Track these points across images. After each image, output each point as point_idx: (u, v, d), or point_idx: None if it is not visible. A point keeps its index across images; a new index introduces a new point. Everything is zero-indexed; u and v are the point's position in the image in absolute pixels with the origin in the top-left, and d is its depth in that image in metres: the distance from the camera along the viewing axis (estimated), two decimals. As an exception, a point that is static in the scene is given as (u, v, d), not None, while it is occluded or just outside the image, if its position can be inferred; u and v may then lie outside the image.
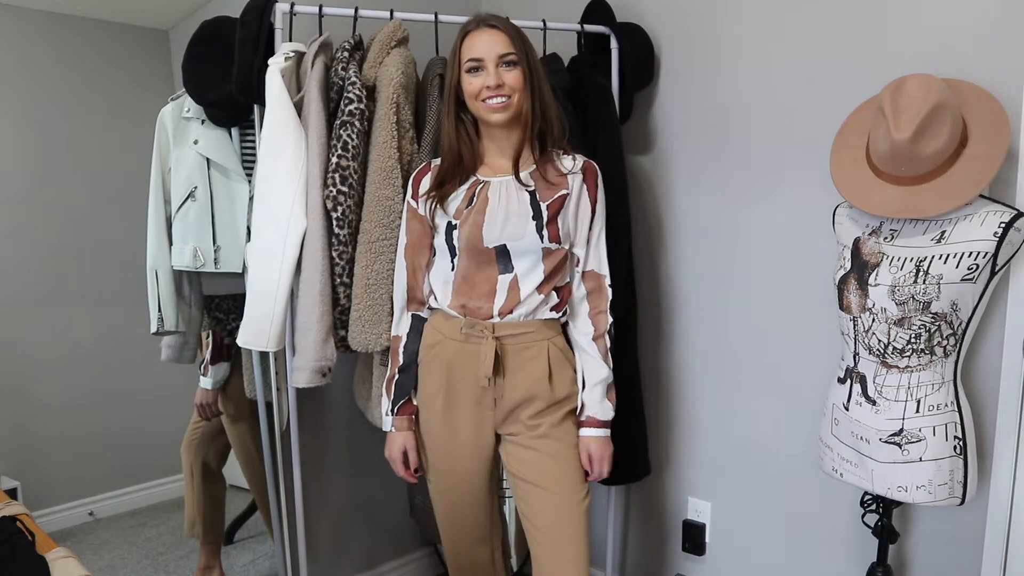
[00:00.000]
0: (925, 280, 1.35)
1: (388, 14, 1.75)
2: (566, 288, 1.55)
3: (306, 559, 1.90)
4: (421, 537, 2.47)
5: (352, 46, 1.69)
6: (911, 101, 1.30)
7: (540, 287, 1.49)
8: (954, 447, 1.40)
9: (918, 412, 1.40)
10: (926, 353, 1.39)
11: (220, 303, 2.10)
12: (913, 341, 1.39)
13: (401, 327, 1.59)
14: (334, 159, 1.63)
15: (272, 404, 1.96)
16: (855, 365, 1.50)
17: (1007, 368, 1.45)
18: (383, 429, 1.61)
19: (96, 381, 2.17)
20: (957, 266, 1.33)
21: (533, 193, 1.47)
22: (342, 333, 1.70)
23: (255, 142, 1.84)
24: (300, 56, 1.68)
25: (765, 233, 1.85)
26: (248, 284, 1.68)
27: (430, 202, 1.51)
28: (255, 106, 1.77)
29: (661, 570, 2.19)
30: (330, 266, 1.66)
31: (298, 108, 1.64)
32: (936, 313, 1.36)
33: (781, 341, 1.84)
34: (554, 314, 1.53)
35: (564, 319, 1.57)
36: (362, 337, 1.65)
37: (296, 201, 1.62)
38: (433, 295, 1.56)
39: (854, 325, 1.48)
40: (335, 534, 2.23)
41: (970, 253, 1.32)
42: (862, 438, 1.47)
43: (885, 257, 1.42)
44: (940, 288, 1.34)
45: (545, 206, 1.46)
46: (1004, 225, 1.30)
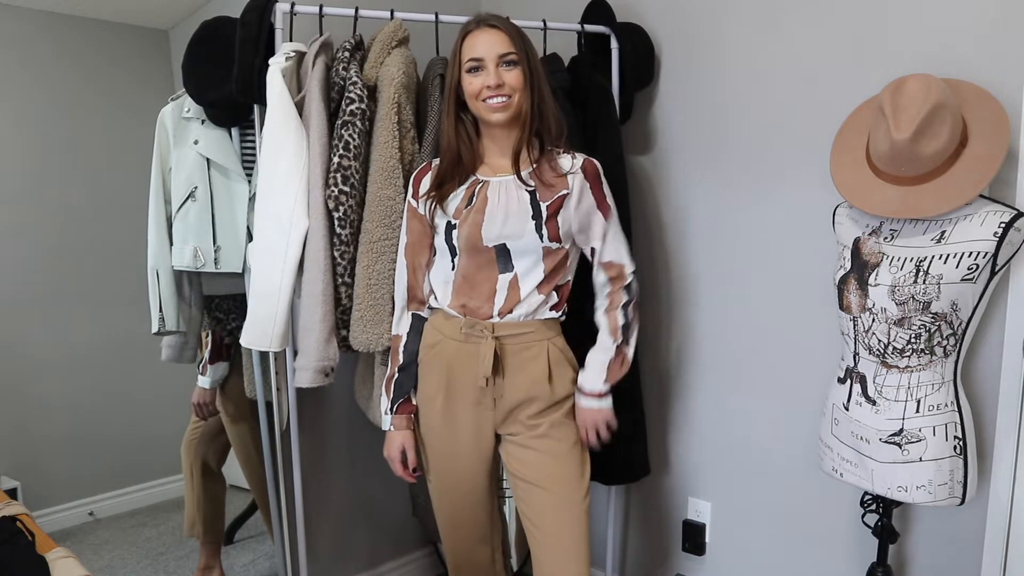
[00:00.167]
0: (925, 280, 1.35)
1: (388, 14, 1.75)
2: (566, 287, 1.55)
3: (306, 559, 1.90)
4: (421, 537, 2.47)
5: (353, 46, 1.69)
6: (911, 101, 1.31)
7: (540, 286, 1.49)
8: (954, 447, 1.40)
9: (918, 412, 1.40)
10: (926, 353, 1.39)
11: (220, 303, 2.10)
12: (913, 341, 1.39)
13: (401, 326, 1.59)
14: (335, 159, 1.63)
15: (272, 404, 1.96)
16: (855, 365, 1.50)
17: (1007, 368, 1.45)
18: (383, 428, 1.62)
19: (96, 381, 2.17)
20: (957, 266, 1.33)
21: (533, 192, 1.47)
22: (343, 333, 1.70)
23: (255, 142, 1.84)
24: (300, 56, 1.68)
25: (765, 233, 1.85)
26: (250, 285, 1.68)
27: (430, 202, 1.52)
28: (255, 106, 1.77)
29: (661, 570, 2.19)
30: (332, 266, 1.66)
31: (299, 108, 1.64)
32: (936, 313, 1.36)
33: (781, 341, 1.84)
34: (554, 313, 1.53)
35: (563, 318, 1.57)
36: (363, 337, 1.65)
37: (298, 201, 1.62)
38: (433, 295, 1.56)
39: (854, 325, 1.48)
40: (335, 534, 2.23)
41: (970, 253, 1.32)
42: (862, 438, 1.47)
43: (885, 257, 1.42)
44: (940, 288, 1.34)
45: (545, 205, 1.46)
46: (1004, 225, 1.30)
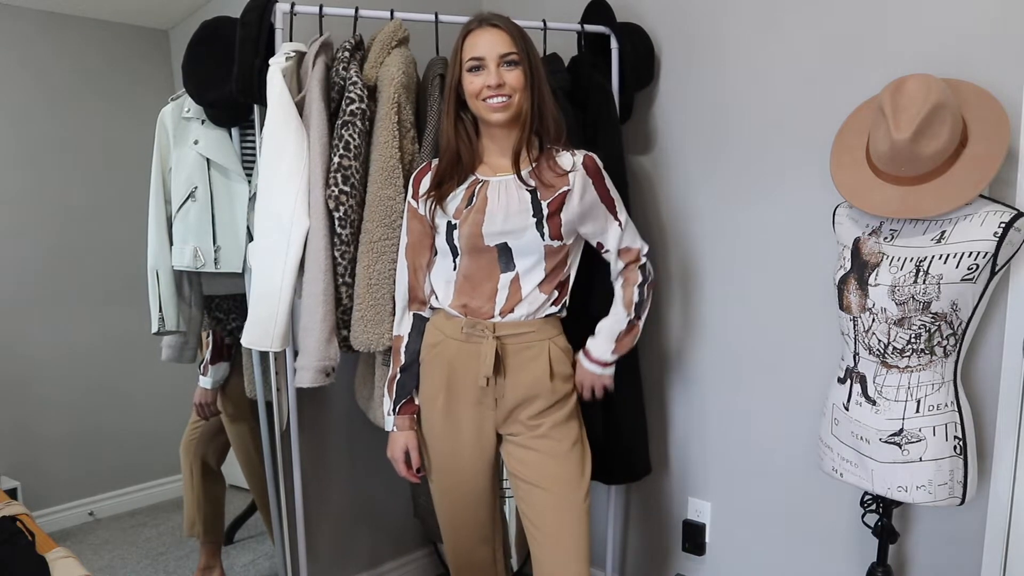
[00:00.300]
0: (925, 280, 1.35)
1: (388, 14, 1.75)
2: (567, 283, 1.55)
3: (306, 559, 1.90)
4: (422, 537, 2.47)
5: (353, 46, 1.69)
6: (911, 101, 1.30)
7: (542, 285, 1.49)
8: (954, 447, 1.40)
9: (918, 412, 1.40)
10: (926, 353, 1.39)
11: (220, 303, 2.10)
12: (913, 341, 1.39)
13: (403, 327, 1.59)
14: (336, 159, 1.63)
15: (272, 404, 1.96)
16: (855, 365, 1.50)
17: (1007, 368, 1.45)
18: (385, 429, 1.62)
19: (96, 381, 2.17)
20: (957, 266, 1.33)
21: (534, 191, 1.47)
22: (344, 333, 1.70)
23: (255, 142, 1.84)
24: (300, 56, 1.68)
25: (765, 233, 1.85)
26: (251, 285, 1.68)
27: (429, 202, 1.52)
28: (255, 106, 1.77)
29: (661, 570, 2.19)
30: (332, 266, 1.66)
31: (299, 108, 1.64)
32: (936, 313, 1.36)
33: (781, 341, 1.84)
34: (554, 309, 1.53)
35: (564, 314, 1.57)
36: (364, 337, 1.65)
37: (298, 201, 1.62)
38: (435, 295, 1.56)
39: (854, 325, 1.48)
40: (335, 534, 2.23)
41: (970, 253, 1.32)
42: (862, 438, 1.47)
43: (885, 257, 1.42)
44: (940, 288, 1.34)
45: (545, 204, 1.46)
46: (1004, 225, 1.30)
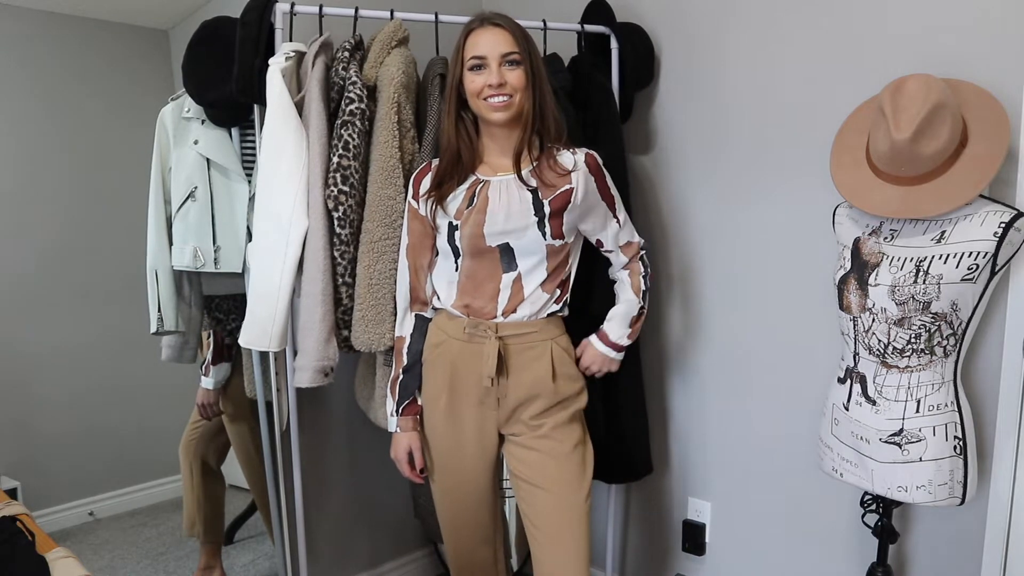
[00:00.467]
0: (925, 280, 1.35)
1: (388, 14, 1.75)
2: (568, 281, 1.56)
3: (306, 559, 1.90)
4: (422, 537, 2.47)
5: (352, 46, 1.69)
6: (911, 101, 1.30)
7: (544, 284, 1.49)
8: (954, 447, 1.40)
9: (918, 412, 1.40)
10: (926, 353, 1.39)
11: (220, 303, 2.10)
12: (913, 341, 1.39)
13: (405, 328, 1.59)
14: (335, 159, 1.63)
15: (272, 404, 1.96)
16: (855, 365, 1.50)
17: (1007, 368, 1.45)
18: (388, 430, 1.61)
19: (96, 381, 2.17)
20: (957, 266, 1.33)
21: (535, 191, 1.47)
22: (345, 333, 1.70)
23: (255, 142, 1.84)
24: (300, 56, 1.68)
25: (765, 233, 1.85)
26: (250, 284, 1.68)
27: (430, 201, 1.51)
28: (255, 106, 1.77)
29: (661, 570, 2.19)
30: (332, 266, 1.66)
31: (299, 108, 1.64)
32: (936, 313, 1.36)
33: (781, 341, 1.84)
34: (556, 307, 1.53)
35: (565, 312, 1.57)
36: (365, 337, 1.65)
37: (297, 201, 1.62)
38: (436, 295, 1.56)
39: (854, 325, 1.48)
40: (335, 534, 2.23)
41: (970, 253, 1.32)
42: (862, 438, 1.47)
43: (885, 257, 1.42)
44: (940, 288, 1.34)
45: (547, 202, 1.46)
46: (1004, 225, 1.30)
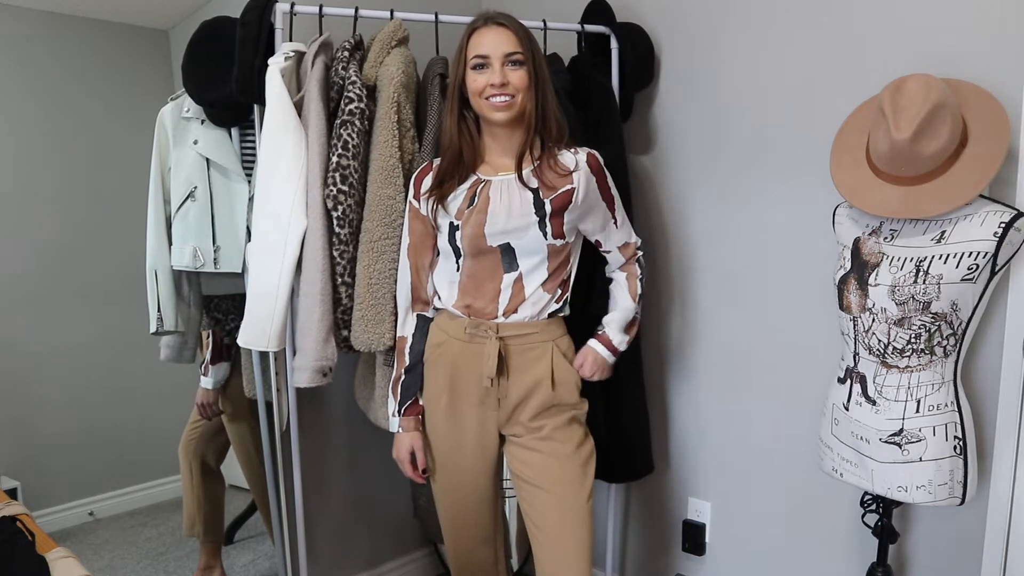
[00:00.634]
0: (925, 280, 1.35)
1: (388, 14, 1.75)
2: (569, 280, 1.56)
3: (306, 559, 1.90)
4: (422, 537, 2.47)
5: (352, 46, 1.69)
6: (911, 101, 1.30)
7: (545, 284, 1.49)
8: (954, 447, 1.40)
9: (918, 412, 1.40)
10: (926, 353, 1.39)
11: (219, 303, 2.10)
12: (913, 341, 1.39)
13: (406, 328, 1.59)
14: (334, 158, 1.63)
15: (272, 404, 1.96)
16: (855, 365, 1.50)
17: (1007, 368, 1.45)
18: (390, 430, 1.61)
19: (96, 381, 2.17)
20: (957, 266, 1.33)
21: (536, 191, 1.47)
22: (345, 333, 1.70)
23: (255, 142, 1.84)
24: (300, 56, 1.68)
25: (765, 233, 1.85)
26: (249, 284, 1.68)
27: (431, 201, 1.51)
28: (255, 106, 1.77)
29: (661, 570, 2.19)
30: (331, 265, 1.65)
31: (298, 108, 1.64)
32: (936, 313, 1.36)
33: (781, 341, 1.84)
34: (557, 306, 1.53)
35: (566, 311, 1.57)
36: (365, 337, 1.65)
37: (296, 200, 1.62)
38: (438, 295, 1.56)
39: (854, 325, 1.48)
40: (335, 534, 2.23)
41: (970, 253, 1.32)
42: (862, 438, 1.47)
43: (885, 257, 1.42)
44: (940, 288, 1.34)
45: (548, 202, 1.46)
46: (1004, 225, 1.30)
